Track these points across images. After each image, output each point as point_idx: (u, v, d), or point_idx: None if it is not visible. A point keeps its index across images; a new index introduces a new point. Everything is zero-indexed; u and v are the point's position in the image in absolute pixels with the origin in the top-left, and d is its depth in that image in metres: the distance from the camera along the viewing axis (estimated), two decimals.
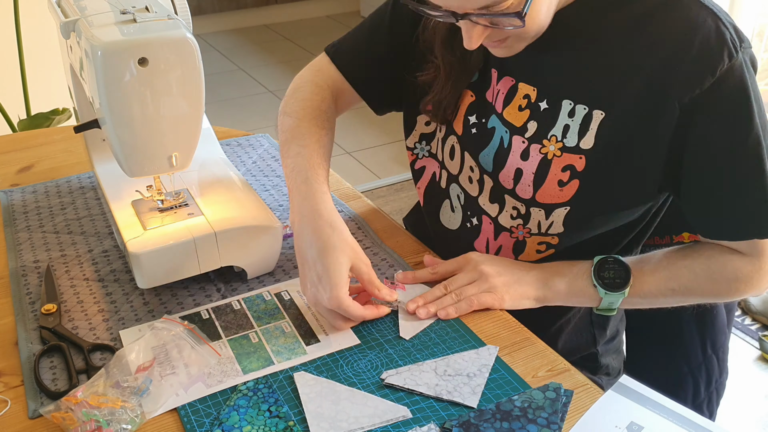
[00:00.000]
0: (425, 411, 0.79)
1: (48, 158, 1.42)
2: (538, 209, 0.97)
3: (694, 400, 1.20)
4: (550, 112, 0.94)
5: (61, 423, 0.76)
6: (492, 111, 1.00)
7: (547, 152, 0.94)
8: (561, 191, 0.94)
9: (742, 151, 0.87)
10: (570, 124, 0.92)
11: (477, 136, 1.02)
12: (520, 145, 0.96)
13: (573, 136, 0.92)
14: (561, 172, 0.93)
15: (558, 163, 0.93)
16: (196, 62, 0.87)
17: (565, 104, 0.92)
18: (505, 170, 0.98)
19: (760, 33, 2.63)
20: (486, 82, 1.01)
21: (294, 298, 0.98)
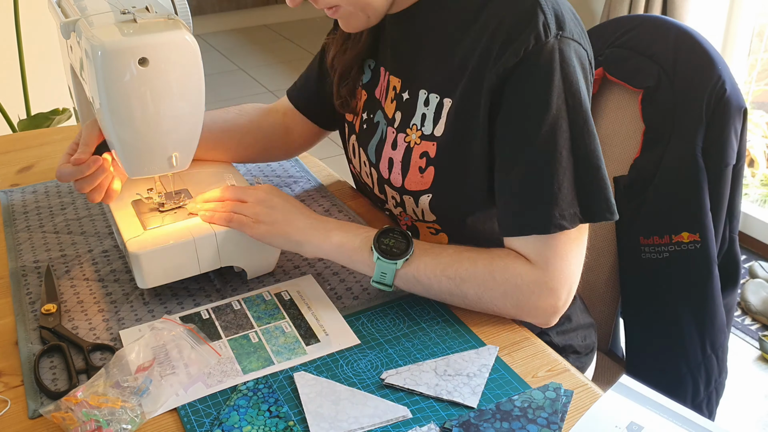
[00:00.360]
0: (425, 411, 0.79)
1: (48, 158, 1.42)
2: (408, 197, 1.02)
3: (694, 399, 1.20)
4: (411, 102, 1.00)
5: (61, 423, 0.76)
6: (378, 106, 1.07)
7: (410, 141, 0.99)
8: (422, 178, 0.98)
9: (533, 139, 0.86)
10: (426, 112, 0.97)
11: (367, 131, 1.09)
12: (391, 135, 1.03)
13: (429, 124, 0.97)
14: (419, 159, 0.98)
15: (417, 150, 0.98)
16: (196, 62, 0.87)
17: (421, 94, 0.98)
18: (382, 160, 1.04)
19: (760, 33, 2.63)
20: (375, 80, 1.08)
21: (294, 298, 0.98)
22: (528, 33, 0.85)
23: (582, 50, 0.89)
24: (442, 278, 0.90)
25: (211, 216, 0.97)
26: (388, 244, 0.91)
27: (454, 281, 0.90)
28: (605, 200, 0.87)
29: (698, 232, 1.14)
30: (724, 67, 1.11)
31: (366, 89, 1.10)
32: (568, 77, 0.85)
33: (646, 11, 2.50)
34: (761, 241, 2.53)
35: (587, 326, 1.17)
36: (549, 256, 0.87)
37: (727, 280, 1.18)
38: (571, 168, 0.86)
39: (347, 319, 0.93)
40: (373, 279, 0.92)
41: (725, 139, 1.11)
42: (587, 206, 0.87)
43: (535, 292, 0.88)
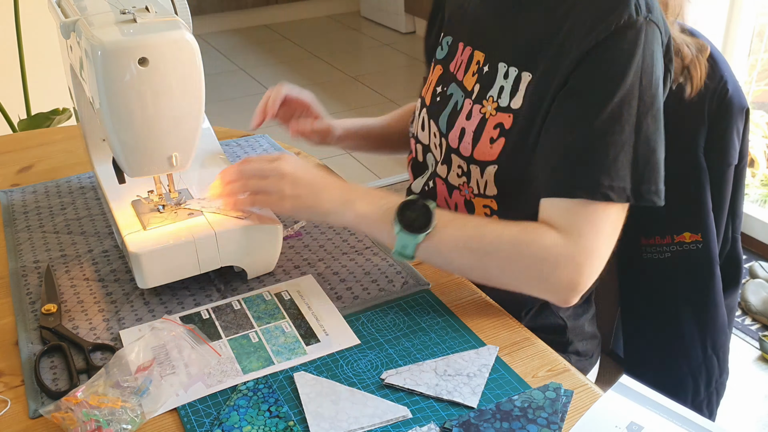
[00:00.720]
0: (425, 411, 0.79)
1: (48, 158, 1.42)
2: (475, 166, 1.01)
3: (694, 399, 1.20)
4: (490, 75, 1.00)
5: (61, 423, 0.76)
6: (452, 79, 1.08)
7: (485, 112, 1.00)
8: (491, 148, 0.98)
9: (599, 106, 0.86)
10: (504, 85, 0.98)
11: (439, 104, 1.10)
12: (467, 106, 1.03)
13: (506, 96, 0.97)
14: (492, 130, 0.98)
15: (492, 121, 0.99)
16: (196, 62, 0.87)
17: (501, 67, 0.99)
18: (454, 130, 1.04)
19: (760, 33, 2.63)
20: (452, 55, 1.10)
21: (294, 298, 0.98)
22: (621, 10, 0.86)
23: (661, 38, 0.90)
24: (464, 251, 0.88)
25: (234, 203, 0.96)
26: (410, 216, 0.89)
27: (477, 254, 0.88)
28: (656, 183, 0.88)
29: (700, 233, 1.13)
30: (726, 67, 1.11)
31: (441, 64, 1.12)
32: (647, 59, 0.87)
33: None
34: (762, 242, 2.53)
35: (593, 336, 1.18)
36: (583, 227, 0.86)
37: (728, 281, 1.17)
38: (632, 145, 0.86)
39: (347, 319, 0.93)
40: (394, 251, 0.91)
41: (727, 139, 1.11)
42: (637, 186, 0.86)
43: (561, 264, 0.85)
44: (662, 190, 0.88)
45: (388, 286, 1.00)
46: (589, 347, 1.17)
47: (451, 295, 0.98)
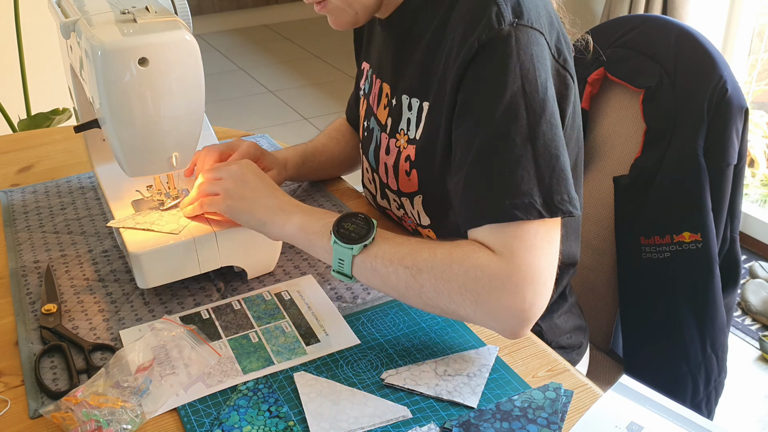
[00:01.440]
0: (425, 411, 0.79)
1: (48, 158, 1.42)
2: (405, 198, 1.03)
3: (693, 399, 1.20)
4: (398, 108, 1.01)
5: (61, 423, 0.76)
6: (371, 113, 1.09)
7: (400, 145, 1.01)
8: (409, 180, 1.00)
9: (484, 126, 0.83)
10: (411, 117, 0.98)
11: (366, 138, 1.11)
12: (384, 140, 1.04)
13: (413, 128, 0.98)
14: (404, 163, 1.00)
15: (404, 154, 1.00)
16: (196, 62, 0.87)
17: (404, 99, 0.99)
18: (380, 165, 1.06)
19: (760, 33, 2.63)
20: (370, 88, 1.11)
21: (294, 298, 0.98)
22: (482, 25, 0.83)
23: (543, 39, 0.85)
24: (399, 268, 0.82)
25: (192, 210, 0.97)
26: (348, 228, 0.86)
27: (411, 271, 0.82)
28: (567, 192, 0.81)
29: (700, 232, 1.14)
30: (725, 67, 1.11)
31: (366, 98, 1.12)
32: (525, 63, 0.82)
33: (647, 11, 2.50)
34: (761, 241, 2.53)
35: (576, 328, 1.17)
36: (515, 246, 0.79)
37: (727, 280, 1.17)
38: (529, 156, 0.81)
39: (347, 319, 0.93)
40: (333, 268, 0.87)
41: (726, 139, 1.11)
42: (547, 198, 0.80)
43: (497, 286, 0.77)
44: (575, 198, 0.82)
45: None
46: (574, 340, 1.15)
47: None
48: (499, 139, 0.81)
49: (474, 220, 0.83)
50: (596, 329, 1.35)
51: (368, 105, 1.11)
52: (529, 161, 0.80)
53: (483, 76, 0.84)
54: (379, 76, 1.07)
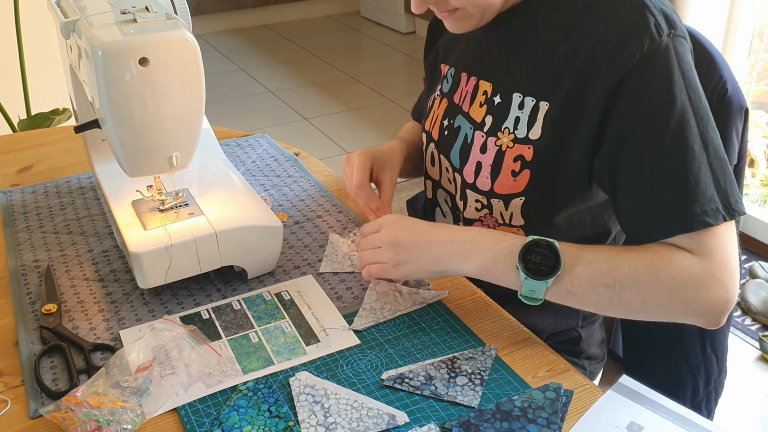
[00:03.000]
0: (425, 411, 0.79)
1: (48, 158, 1.42)
2: (497, 200, 0.99)
3: (693, 399, 1.20)
4: (503, 106, 0.98)
5: (61, 423, 0.76)
6: (458, 111, 1.06)
7: (501, 144, 0.97)
8: (515, 181, 0.97)
9: (662, 137, 0.84)
10: (520, 116, 0.96)
11: (448, 138, 1.07)
12: (479, 139, 1.00)
13: (523, 127, 0.95)
14: (513, 163, 0.96)
15: (510, 154, 0.96)
16: (197, 62, 0.87)
17: (515, 97, 0.97)
18: (468, 165, 1.02)
19: (760, 33, 2.63)
20: (455, 86, 1.08)
21: (294, 298, 0.98)
22: (641, 36, 0.84)
23: (689, 45, 0.88)
24: (600, 287, 0.83)
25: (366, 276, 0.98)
26: (535, 261, 0.85)
27: (614, 289, 0.83)
28: (737, 194, 0.84)
29: None
30: (725, 67, 1.11)
31: (447, 97, 1.10)
32: (686, 74, 0.85)
33: None
34: (761, 241, 2.53)
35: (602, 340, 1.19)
36: (711, 245, 0.82)
37: None
38: (706, 163, 0.83)
39: (347, 319, 0.93)
40: (522, 294, 0.87)
41: (727, 139, 1.11)
42: (726, 201, 0.83)
43: (704, 285, 0.81)
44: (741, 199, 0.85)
45: None
46: (599, 350, 1.18)
47: (451, 295, 0.98)
48: (677, 150, 0.83)
49: (666, 231, 0.84)
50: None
51: (451, 103, 1.08)
52: (707, 168, 0.83)
53: (649, 89, 0.85)
54: (473, 74, 1.04)
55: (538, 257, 0.85)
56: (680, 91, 0.84)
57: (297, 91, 4.16)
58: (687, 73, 0.85)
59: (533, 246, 0.86)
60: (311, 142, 3.48)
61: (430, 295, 0.96)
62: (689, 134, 0.83)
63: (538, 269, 0.85)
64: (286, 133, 3.58)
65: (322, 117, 3.80)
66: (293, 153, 1.41)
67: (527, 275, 0.85)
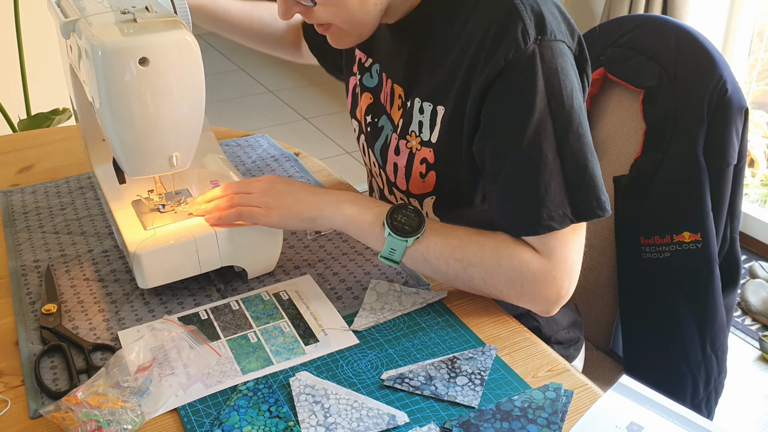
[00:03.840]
0: (425, 411, 0.79)
1: (48, 158, 1.42)
2: (413, 199, 1.04)
3: (693, 399, 1.20)
4: (410, 110, 1.02)
5: (61, 423, 0.76)
6: (383, 111, 1.10)
7: (411, 147, 1.02)
8: (424, 182, 1.01)
9: (516, 142, 0.87)
10: (422, 120, 0.99)
11: (372, 134, 1.12)
12: (394, 141, 1.05)
13: (426, 131, 0.99)
14: (420, 165, 1.01)
15: (418, 156, 1.01)
16: (197, 62, 0.87)
17: (416, 102, 1.00)
18: (388, 165, 1.07)
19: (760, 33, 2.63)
20: (380, 86, 1.11)
21: (292, 298, 0.98)
22: (507, 43, 0.86)
23: (566, 48, 0.89)
24: (450, 260, 0.91)
25: (218, 217, 0.97)
26: (401, 221, 0.92)
27: (461, 264, 0.91)
28: (595, 198, 0.88)
29: (699, 232, 1.14)
30: (725, 67, 1.11)
31: (371, 92, 1.12)
32: (549, 80, 0.86)
33: (647, 11, 2.50)
34: (761, 241, 2.52)
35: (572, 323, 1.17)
36: (552, 246, 0.89)
37: (727, 280, 1.17)
38: (559, 169, 0.87)
39: (347, 319, 0.93)
40: (381, 254, 0.93)
41: (726, 139, 1.11)
42: (577, 206, 0.88)
43: (540, 280, 0.89)
44: (604, 200, 0.89)
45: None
46: (571, 335, 1.17)
47: (451, 295, 0.98)
48: (532, 157, 0.87)
49: (514, 231, 0.91)
50: (596, 329, 1.35)
51: (377, 101, 1.11)
52: (560, 175, 0.87)
53: (510, 95, 0.88)
54: (390, 77, 1.08)
55: (403, 218, 0.92)
56: (540, 99, 0.86)
57: (297, 91, 4.16)
58: (550, 80, 0.86)
59: (401, 207, 0.93)
60: (311, 142, 3.48)
61: (430, 295, 0.96)
62: (544, 142, 0.86)
63: (402, 228, 0.91)
64: (286, 133, 3.58)
65: (322, 117, 3.80)
66: (293, 153, 1.41)
67: (391, 232, 0.91)
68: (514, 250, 0.90)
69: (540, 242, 0.89)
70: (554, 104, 0.87)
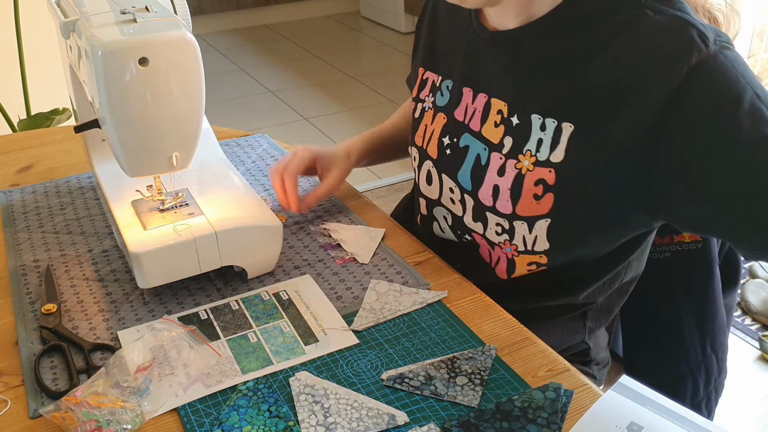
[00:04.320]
0: (425, 411, 0.79)
1: (48, 158, 1.42)
2: (520, 222, 0.94)
3: (693, 399, 1.20)
4: (523, 127, 0.93)
5: (61, 423, 0.76)
6: (464, 129, 1.00)
7: (521, 167, 0.92)
8: (538, 204, 0.92)
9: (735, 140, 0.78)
10: (543, 137, 0.91)
11: (452, 157, 1.02)
12: (497, 161, 0.95)
13: (545, 149, 0.90)
14: (534, 186, 0.91)
15: (530, 177, 0.92)
16: (197, 62, 0.87)
17: (535, 118, 0.91)
18: (484, 187, 0.97)
19: (760, 33, 2.63)
20: (455, 102, 1.03)
21: (292, 298, 0.98)
22: (686, 48, 0.79)
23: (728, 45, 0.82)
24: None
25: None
26: None
27: None
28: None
29: None
30: None
31: (444, 112, 1.04)
32: (745, 72, 0.79)
33: None
34: None
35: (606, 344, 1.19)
36: None
37: (727, 280, 1.17)
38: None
39: (347, 319, 0.93)
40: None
41: None
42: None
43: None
44: None
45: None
46: (605, 354, 1.18)
47: (451, 295, 0.98)
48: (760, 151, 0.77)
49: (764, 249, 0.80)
50: None
51: (452, 119, 1.03)
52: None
53: (708, 98, 0.79)
54: (482, 91, 0.99)
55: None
56: (744, 89, 0.77)
57: (297, 91, 4.16)
58: (746, 71, 0.79)
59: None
60: (311, 142, 3.47)
61: (430, 295, 0.96)
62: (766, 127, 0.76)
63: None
64: (286, 133, 3.58)
65: (322, 117, 3.80)
66: None
67: None
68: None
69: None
70: (760, 92, 0.78)
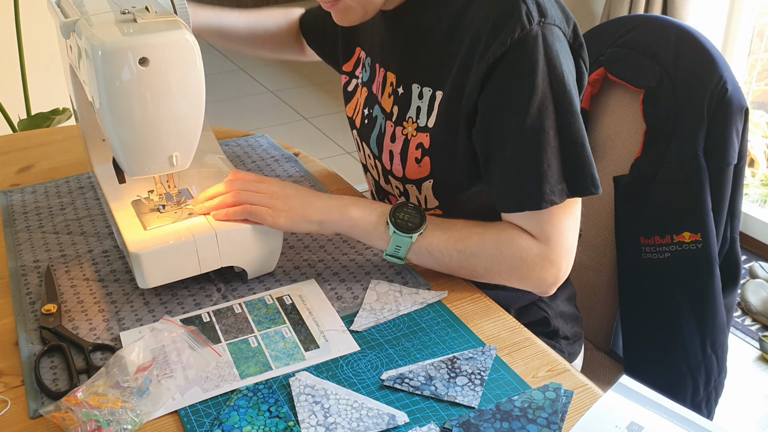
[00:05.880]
0: (425, 411, 0.79)
1: (48, 158, 1.42)
2: (411, 185, 1.06)
3: (693, 399, 1.20)
4: (406, 96, 1.04)
5: (61, 423, 0.76)
6: (375, 101, 1.12)
7: (407, 133, 1.04)
8: (419, 167, 1.03)
9: (520, 121, 0.90)
10: (420, 105, 1.02)
11: (367, 126, 1.13)
12: (389, 128, 1.07)
13: (423, 116, 1.01)
14: (415, 150, 1.03)
15: (414, 142, 1.03)
16: (197, 62, 0.87)
17: (414, 88, 1.02)
18: (384, 153, 1.09)
19: (760, 33, 2.63)
20: (372, 77, 1.13)
21: (296, 302, 0.97)
22: (513, 23, 0.89)
23: (561, 33, 0.92)
24: (453, 252, 0.95)
25: (225, 213, 0.97)
26: (403, 218, 0.96)
27: (464, 254, 0.95)
28: (590, 176, 0.92)
29: (700, 232, 1.14)
30: (725, 67, 1.11)
31: (366, 86, 1.14)
32: (551, 61, 0.90)
33: (647, 11, 2.50)
34: (761, 241, 2.52)
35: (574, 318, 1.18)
36: (549, 231, 0.93)
37: (727, 280, 1.17)
38: (558, 147, 0.91)
39: (347, 319, 0.93)
40: (387, 252, 0.97)
41: (726, 139, 1.11)
42: (574, 182, 0.91)
43: (539, 265, 0.94)
44: (597, 180, 0.93)
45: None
46: (575, 330, 1.18)
47: (451, 295, 0.98)
48: (535, 135, 0.90)
49: (514, 207, 0.94)
50: (596, 329, 1.35)
51: (370, 93, 1.13)
52: (559, 152, 0.91)
53: (515, 75, 0.90)
54: (383, 65, 1.09)
55: (406, 216, 0.97)
56: (543, 79, 0.89)
57: (297, 91, 4.16)
58: (552, 61, 0.90)
59: (402, 206, 0.97)
60: (311, 142, 3.48)
61: (430, 295, 0.96)
62: (546, 120, 0.90)
63: (405, 225, 0.96)
64: (286, 133, 3.57)
65: (322, 117, 3.80)
66: (293, 153, 1.41)
67: (396, 230, 0.95)
68: (513, 237, 0.94)
69: (537, 228, 0.93)
70: (555, 84, 0.90)
